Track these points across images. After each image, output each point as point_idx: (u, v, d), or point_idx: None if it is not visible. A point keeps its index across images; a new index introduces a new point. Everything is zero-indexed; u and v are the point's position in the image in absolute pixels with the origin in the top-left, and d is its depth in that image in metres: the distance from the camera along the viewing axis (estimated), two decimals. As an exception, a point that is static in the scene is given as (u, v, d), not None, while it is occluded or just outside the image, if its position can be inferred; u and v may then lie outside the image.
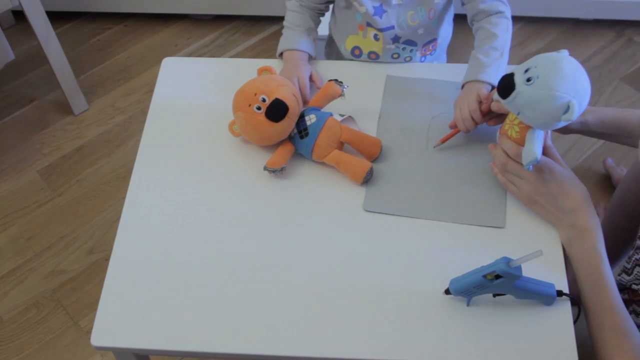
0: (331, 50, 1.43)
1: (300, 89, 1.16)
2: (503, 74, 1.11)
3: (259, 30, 2.34)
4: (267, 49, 2.28)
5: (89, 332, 1.37)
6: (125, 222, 1.07)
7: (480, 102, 1.09)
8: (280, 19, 1.19)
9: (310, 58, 1.26)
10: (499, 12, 1.19)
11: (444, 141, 1.13)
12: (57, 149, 2.03)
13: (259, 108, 1.06)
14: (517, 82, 0.95)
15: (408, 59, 1.29)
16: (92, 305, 1.69)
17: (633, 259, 1.09)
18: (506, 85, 0.97)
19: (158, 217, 1.07)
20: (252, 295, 0.98)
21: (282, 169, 1.08)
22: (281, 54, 1.26)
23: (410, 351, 0.92)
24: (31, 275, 1.76)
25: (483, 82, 1.13)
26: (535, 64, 0.95)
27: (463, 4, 1.24)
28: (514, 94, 0.95)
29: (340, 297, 0.97)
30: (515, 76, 0.96)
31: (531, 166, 0.98)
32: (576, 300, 0.96)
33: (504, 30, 1.19)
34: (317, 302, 0.97)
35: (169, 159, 1.15)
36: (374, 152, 1.11)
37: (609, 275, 0.95)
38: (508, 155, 1.03)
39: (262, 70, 1.16)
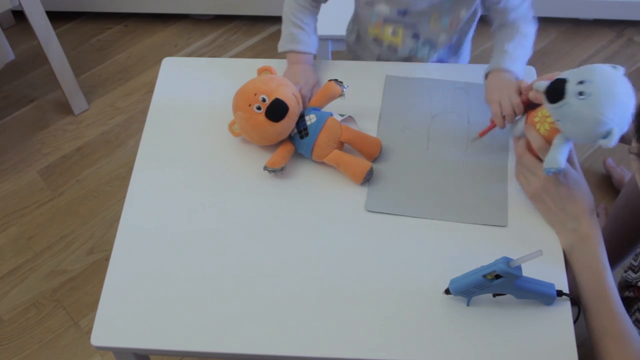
0: (353, 27, 1.39)
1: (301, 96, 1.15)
2: (524, 66, 1.09)
3: (259, 30, 2.34)
4: (267, 49, 2.28)
5: (89, 332, 1.37)
6: (125, 222, 1.07)
7: (520, 94, 1.06)
8: (280, 19, 1.18)
9: (315, 57, 1.25)
10: (527, 18, 1.17)
11: (482, 135, 1.12)
12: (57, 149, 2.03)
13: (259, 108, 1.06)
14: (568, 92, 0.93)
15: (425, 57, 1.28)
16: (92, 305, 1.69)
17: (640, 257, 1.09)
18: (557, 91, 0.94)
19: (158, 217, 1.07)
20: (253, 295, 0.98)
21: (282, 169, 1.08)
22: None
23: (410, 351, 0.92)
24: (31, 275, 1.76)
25: (509, 71, 1.11)
26: (591, 78, 0.92)
27: (487, 10, 1.22)
28: (562, 102, 0.93)
29: (340, 297, 0.97)
30: (568, 84, 0.93)
31: (550, 172, 0.97)
32: (576, 300, 0.96)
33: (531, 34, 1.16)
34: (317, 302, 0.97)
35: (169, 159, 1.15)
36: (374, 152, 1.11)
37: (610, 281, 0.95)
38: (528, 147, 1.02)
39: (262, 70, 1.16)
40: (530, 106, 1.06)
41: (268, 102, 1.06)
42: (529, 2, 1.18)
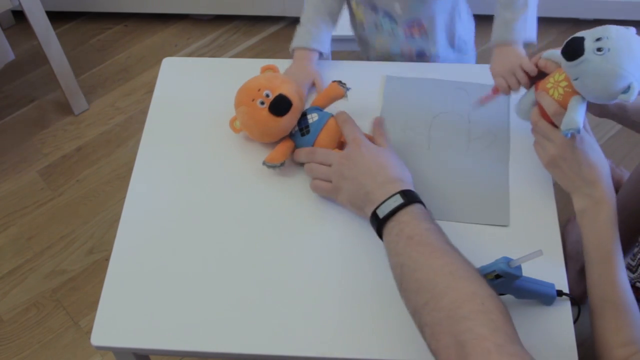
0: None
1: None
2: (532, 26, 1.08)
3: (259, 30, 2.34)
4: (267, 49, 2.28)
5: (89, 332, 1.37)
6: (125, 222, 1.07)
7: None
8: (280, 19, 1.19)
9: (322, 57, 1.25)
10: None
11: (483, 102, 1.12)
12: (57, 149, 2.03)
13: (262, 103, 1.06)
14: (586, 48, 0.92)
15: (391, 32, 1.29)
16: (92, 305, 1.69)
17: (638, 256, 1.09)
18: (575, 49, 0.93)
19: (158, 217, 1.07)
20: (253, 295, 0.98)
21: (281, 164, 1.08)
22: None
23: (410, 351, 0.92)
24: (31, 275, 1.76)
25: (513, 41, 1.10)
26: (607, 34, 0.92)
27: None
28: (580, 59, 0.92)
29: (340, 297, 0.97)
30: (586, 41, 0.93)
31: (569, 133, 0.95)
32: (576, 300, 0.96)
33: None
34: (317, 301, 0.97)
35: (169, 159, 1.15)
36: None
37: (618, 249, 0.94)
38: (542, 115, 1.01)
39: (266, 69, 1.16)
40: (536, 79, 1.06)
41: (271, 97, 1.06)
42: None
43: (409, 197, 0.92)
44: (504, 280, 0.89)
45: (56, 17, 2.15)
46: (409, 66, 1.28)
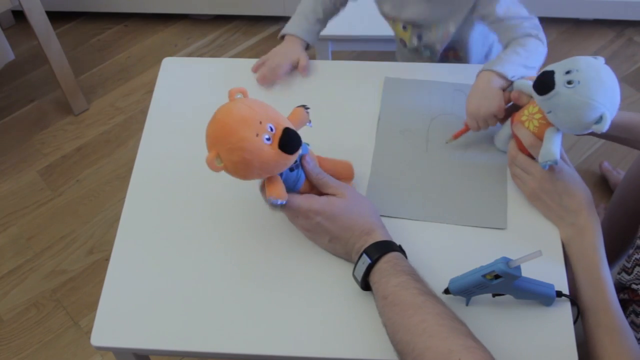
0: None
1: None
2: (520, 77, 1.09)
3: (259, 30, 2.34)
4: (267, 48, 2.25)
5: (89, 332, 1.37)
6: (125, 222, 1.07)
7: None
8: (280, 18, 1.20)
9: (308, 48, 1.29)
10: (530, 35, 1.15)
11: (456, 137, 1.12)
12: (57, 149, 2.03)
13: (268, 139, 0.90)
14: (557, 82, 0.93)
15: (427, 59, 1.34)
16: (92, 305, 1.69)
17: (633, 258, 1.09)
18: (546, 83, 0.94)
19: (158, 217, 1.07)
20: (253, 295, 0.98)
21: (285, 202, 0.97)
22: (282, 37, 1.31)
23: (410, 351, 0.92)
24: (31, 275, 1.77)
25: (498, 73, 1.11)
26: (577, 67, 0.93)
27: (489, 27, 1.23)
28: (552, 93, 0.94)
29: (340, 297, 0.97)
30: (556, 75, 0.94)
31: (547, 165, 0.98)
32: (575, 301, 0.96)
33: (533, 46, 1.14)
34: (317, 302, 0.97)
35: (169, 159, 1.15)
36: (348, 176, 1.07)
37: (606, 274, 0.95)
38: (520, 148, 1.03)
39: (236, 92, 0.96)
40: (513, 109, 1.08)
41: (276, 131, 0.91)
42: (528, 25, 1.15)
43: (376, 251, 0.92)
44: (503, 281, 0.89)
45: (56, 17, 2.16)
46: (408, 67, 1.28)
